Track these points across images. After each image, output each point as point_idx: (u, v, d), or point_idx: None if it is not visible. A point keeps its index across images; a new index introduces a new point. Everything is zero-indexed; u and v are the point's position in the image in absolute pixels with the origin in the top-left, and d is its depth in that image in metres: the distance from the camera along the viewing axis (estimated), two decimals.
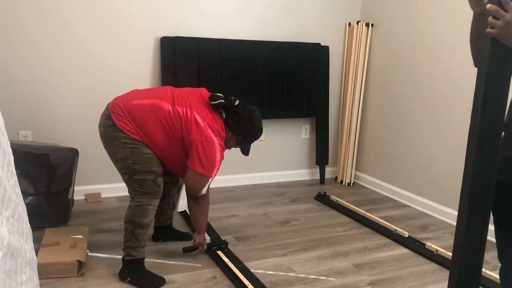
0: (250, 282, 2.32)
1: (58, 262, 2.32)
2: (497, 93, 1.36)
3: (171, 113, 2.34)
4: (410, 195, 3.70)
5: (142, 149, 2.34)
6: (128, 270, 2.36)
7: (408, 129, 3.71)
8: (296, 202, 3.66)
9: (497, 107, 1.37)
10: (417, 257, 2.78)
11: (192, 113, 2.34)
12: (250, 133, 2.49)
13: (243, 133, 2.48)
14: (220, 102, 2.41)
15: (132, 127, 2.33)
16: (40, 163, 2.86)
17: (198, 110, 2.36)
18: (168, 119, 2.34)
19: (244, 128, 2.46)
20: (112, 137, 2.35)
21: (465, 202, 1.42)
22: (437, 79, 3.42)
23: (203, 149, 2.32)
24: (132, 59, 3.42)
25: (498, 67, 1.34)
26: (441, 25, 3.37)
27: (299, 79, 3.92)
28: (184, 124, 2.34)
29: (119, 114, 2.33)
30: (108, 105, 2.41)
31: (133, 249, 2.35)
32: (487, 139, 1.37)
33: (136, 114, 2.33)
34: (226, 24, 3.67)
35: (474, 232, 1.44)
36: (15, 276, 1.52)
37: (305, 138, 4.20)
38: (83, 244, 2.53)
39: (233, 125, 2.45)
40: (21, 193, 1.89)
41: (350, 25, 4.11)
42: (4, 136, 1.67)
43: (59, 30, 3.19)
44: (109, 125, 2.35)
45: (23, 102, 3.18)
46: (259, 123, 2.51)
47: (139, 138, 2.33)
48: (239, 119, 2.45)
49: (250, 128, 2.47)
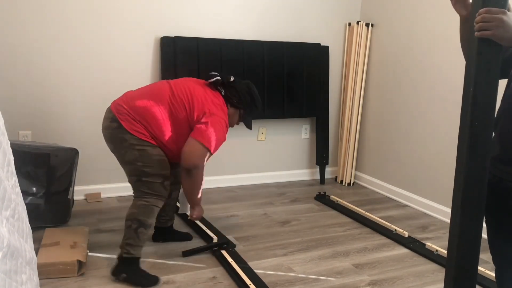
0: (252, 282, 2.32)
1: (58, 262, 2.32)
2: (485, 92, 1.37)
3: (172, 100, 2.37)
4: (410, 195, 3.70)
5: (150, 151, 2.34)
6: (123, 267, 2.34)
7: (408, 129, 3.71)
8: (296, 202, 3.66)
9: (486, 107, 1.38)
10: (417, 257, 2.78)
11: (193, 92, 2.39)
12: (251, 104, 2.57)
13: (245, 106, 2.55)
14: (217, 79, 2.49)
15: (139, 126, 2.33)
16: (40, 163, 2.86)
17: (198, 90, 2.42)
18: (172, 106, 2.36)
19: (244, 100, 2.54)
20: (119, 139, 2.34)
21: (458, 202, 1.43)
22: (437, 79, 3.42)
23: (208, 122, 2.33)
24: (132, 59, 3.42)
25: (486, 67, 1.35)
26: (441, 25, 3.37)
27: (299, 79, 3.92)
28: (187, 105, 2.36)
29: (124, 113, 2.33)
30: (109, 108, 2.41)
31: (133, 247, 2.33)
32: (478, 138, 1.38)
33: (142, 113, 2.34)
34: (226, 24, 3.68)
35: (468, 232, 1.45)
36: (15, 276, 1.52)
37: (305, 138, 4.20)
38: (83, 244, 2.53)
39: (234, 100, 2.52)
40: (21, 193, 1.89)
41: (350, 25, 4.11)
42: (4, 136, 1.67)
43: (59, 30, 3.19)
44: (114, 127, 2.35)
45: (23, 102, 3.18)
46: (257, 94, 2.59)
47: (146, 138, 2.34)
48: (238, 93, 2.52)
49: (250, 99, 2.55)
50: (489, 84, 1.36)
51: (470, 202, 1.43)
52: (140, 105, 2.35)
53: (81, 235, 2.63)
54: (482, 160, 1.40)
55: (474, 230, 1.44)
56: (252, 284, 2.29)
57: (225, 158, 3.76)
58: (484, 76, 1.35)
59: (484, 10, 1.27)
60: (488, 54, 1.34)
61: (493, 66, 1.36)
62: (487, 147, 1.40)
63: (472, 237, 1.45)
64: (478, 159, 1.40)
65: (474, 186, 1.42)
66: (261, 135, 4.00)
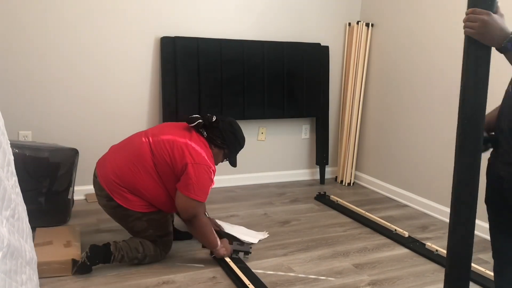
0: (251, 282, 2.31)
1: (53, 261, 2.33)
2: (474, 91, 1.40)
3: (155, 161, 2.37)
4: (410, 195, 3.70)
5: (156, 216, 2.44)
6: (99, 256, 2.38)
7: (408, 129, 3.71)
8: (296, 202, 3.66)
9: (475, 105, 1.41)
10: (417, 257, 2.78)
11: (173, 145, 2.36)
12: (235, 143, 2.55)
13: (229, 145, 2.53)
14: (198, 122, 2.45)
15: (136, 199, 2.39)
16: (40, 163, 2.86)
17: (178, 141, 2.38)
18: (156, 167, 2.37)
19: (228, 140, 2.51)
20: (124, 216, 2.43)
21: (452, 201, 1.48)
22: (436, 79, 3.42)
23: (195, 173, 2.32)
24: (132, 59, 3.42)
25: (474, 66, 1.39)
26: (440, 25, 3.36)
27: (299, 79, 3.92)
28: (169, 160, 2.35)
29: (117, 189, 2.38)
30: (98, 182, 2.43)
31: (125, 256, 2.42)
32: (467, 137, 1.42)
33: (130, 181, 2.37)
34: (226, 24, 3.67)
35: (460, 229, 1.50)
36: (15, 276, 1.52)
37: (305, 138, 4.20)
38: (77, 243, 2.54)
39: (217, 140, 2.50)
40: (21, 193, 1.89)
41: (350, 25, 4.11)
42: (4, 136, 1.67)
43: (59, 30, 3.19)
44: (115, 206, 2.41)
45: (23, 102, 3.18)
46: (241, 132, 2.59)
47: (148, 209, 2.41)
48: (222, 133, 2.49)
49: (234, 138, 2.53)
50: (476, 83, 1.40)
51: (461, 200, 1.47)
52: (128, 177, 2.37)
53: (73, 234, 2.64)
54: (472, 159, 1.43)
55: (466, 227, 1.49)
56: (251, 284, 2.29)
57: None
58: (472, 75, 1.39)
59: (471, 10, 1.36)
60: (476, 54, 1.38)
61: (481, 65, 1.39)
62: (478, 145, 1.43)
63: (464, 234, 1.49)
64: (468, 157, 1.44)
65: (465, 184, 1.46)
66: (261, 135, 4.00)
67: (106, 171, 2.42)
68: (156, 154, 2.37)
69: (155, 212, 2.43)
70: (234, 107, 3.69)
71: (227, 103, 3.65)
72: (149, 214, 2.42)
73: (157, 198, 2.42)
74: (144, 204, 2.40)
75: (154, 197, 2.41)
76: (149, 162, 2.37)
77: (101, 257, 2.35)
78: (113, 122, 3.41)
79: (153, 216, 2.42)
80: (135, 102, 3.50)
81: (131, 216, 2.41)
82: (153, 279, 2.36)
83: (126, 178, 2.37)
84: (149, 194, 2.40)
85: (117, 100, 3.41)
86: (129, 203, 2.38)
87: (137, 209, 2.39)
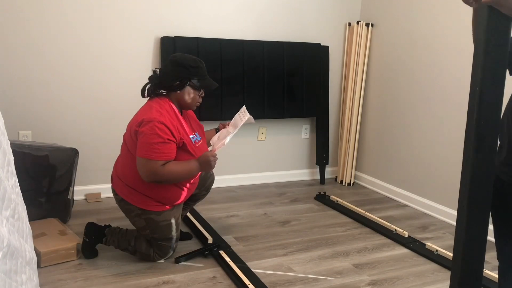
0: (251, 282, 2.32)
1: (60, 248, 2.44)
2: (492, 91, 1.37)
3: (128, 146, 2.41)
4: (410, 195, 3.70)
5: (155, 218, 2.43)
6: None
7: (408, 129, 3.71)
8: (296, 202, 3.66)
9: (492, 106, 1.38)
10: (417, 257, 2.78)
11: (130, 123, 2.40)
12: (189, 69, 2.35)
13: (185, 76, 2.34)
14: (147, 88, 2.43)
15: (136, 194, 2.41)
16: (40, 163, 2.86)
17: (135, 117, 2.39)
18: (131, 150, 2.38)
19: (181, 73, 2.34)
20: (127, 210, 2.49)
21: (464, 202, 1.42)
22: (437, 79, 3.42)
23: (141, 134, 2.26)
24: (132, 59, 3.42)
25: (493, 67, 1.35)
26: (441, 25, 3.37)
27: (299, 79, 3.92)
28: (133, 137, 2.35)
29: (120, 183, 2.45)
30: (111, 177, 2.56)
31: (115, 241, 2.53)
32: (484, 137, 1.38)
33: (125, 174, 2.43)
34: (226, 24, 3.68)
35: (474, 232, 1.45)
36: (15, 276, 1.52)
37: (305, 138, 4.20)
38: (70, 231, 2.64)
39: (173, 83, 2.34)
40: (21, 193, 1.89)
41: (350, 25, 4.11)
42: (4, 136, 1.67)
43: (58, 30, 3.19)
44: (119, 199, 2.49)
45: (23, 102, 3.18)
46: (186, 57, 2.39)
47: (147, 207, 2.41)
48: (170, 74, 2.35)
49: (183, 67, 2.34)
50: (495, 84, 1.36)
51: (476, 203, 1.42)
52: (124, 169, 2.44)
53: (59, 224, 2.73)
54: (488, 159, 1.40)
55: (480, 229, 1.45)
56: (251, 284, 2.29)
57: (225, 158, 3.76)
58: (491, 76, 1.35)
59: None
60: (496, 54, 1.34)
61: (500, 66, 1.36)
62: (494, 146, 1.40)
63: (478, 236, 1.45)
64: (484, 159, 1.39)
65: (480, 186, 1.41)
66: (261, 135, 4.00)
67: (115, 168, 2.55)
68: (125, 140, 2.45)
69: (155, 212, 2.42)
70: (234, 107, 3.67)
71: (227, 103, 3.65)
72: (149, 213, 2.41)
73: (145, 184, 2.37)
74: (142, 200, 2.41)
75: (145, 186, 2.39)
76: (124, 147, 2.45)
77: (96, 234, 2.50)
78: (113, 123, 3.41)
79: (152, 216, 2.42)
80: (136, 103, 3.47)
81: (133, 212, 2.44)
82: (153, 279, 2.36)
83: (122, 171, 2.46)
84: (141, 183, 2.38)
85: (117, 101, 3.41)
86: (131, 197, 2.43)
87: (136, 204, 2.42)
